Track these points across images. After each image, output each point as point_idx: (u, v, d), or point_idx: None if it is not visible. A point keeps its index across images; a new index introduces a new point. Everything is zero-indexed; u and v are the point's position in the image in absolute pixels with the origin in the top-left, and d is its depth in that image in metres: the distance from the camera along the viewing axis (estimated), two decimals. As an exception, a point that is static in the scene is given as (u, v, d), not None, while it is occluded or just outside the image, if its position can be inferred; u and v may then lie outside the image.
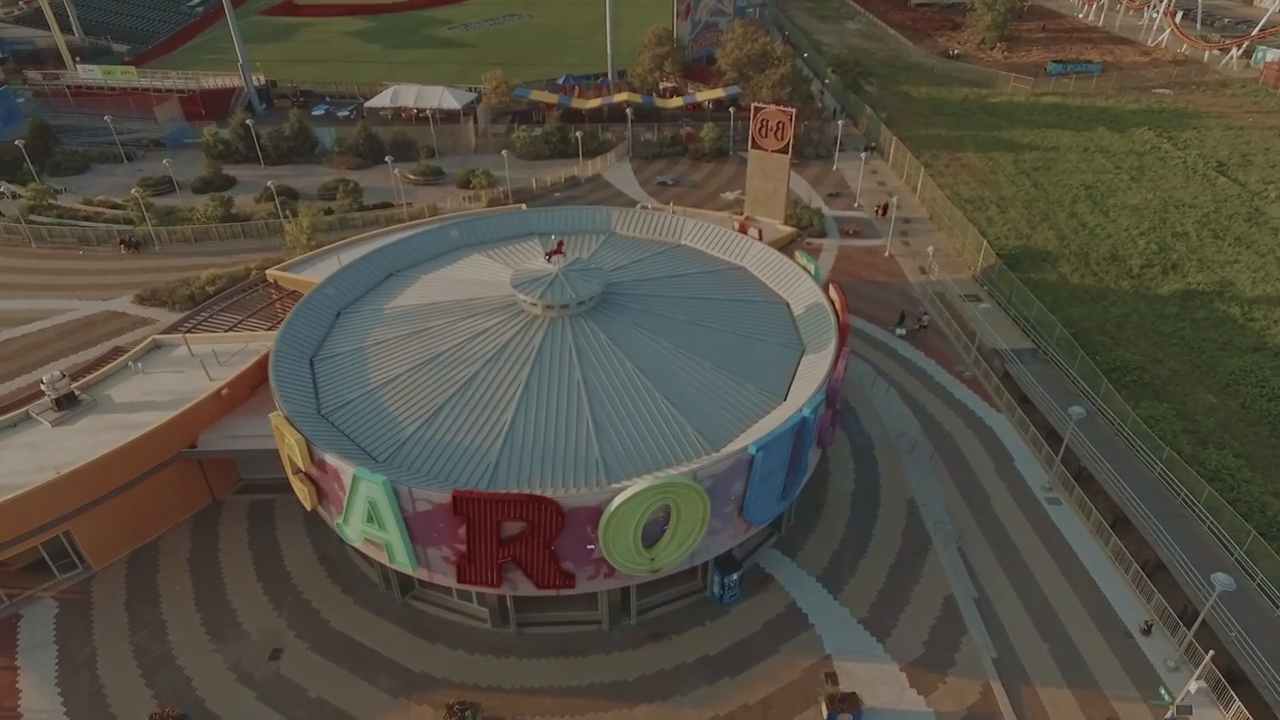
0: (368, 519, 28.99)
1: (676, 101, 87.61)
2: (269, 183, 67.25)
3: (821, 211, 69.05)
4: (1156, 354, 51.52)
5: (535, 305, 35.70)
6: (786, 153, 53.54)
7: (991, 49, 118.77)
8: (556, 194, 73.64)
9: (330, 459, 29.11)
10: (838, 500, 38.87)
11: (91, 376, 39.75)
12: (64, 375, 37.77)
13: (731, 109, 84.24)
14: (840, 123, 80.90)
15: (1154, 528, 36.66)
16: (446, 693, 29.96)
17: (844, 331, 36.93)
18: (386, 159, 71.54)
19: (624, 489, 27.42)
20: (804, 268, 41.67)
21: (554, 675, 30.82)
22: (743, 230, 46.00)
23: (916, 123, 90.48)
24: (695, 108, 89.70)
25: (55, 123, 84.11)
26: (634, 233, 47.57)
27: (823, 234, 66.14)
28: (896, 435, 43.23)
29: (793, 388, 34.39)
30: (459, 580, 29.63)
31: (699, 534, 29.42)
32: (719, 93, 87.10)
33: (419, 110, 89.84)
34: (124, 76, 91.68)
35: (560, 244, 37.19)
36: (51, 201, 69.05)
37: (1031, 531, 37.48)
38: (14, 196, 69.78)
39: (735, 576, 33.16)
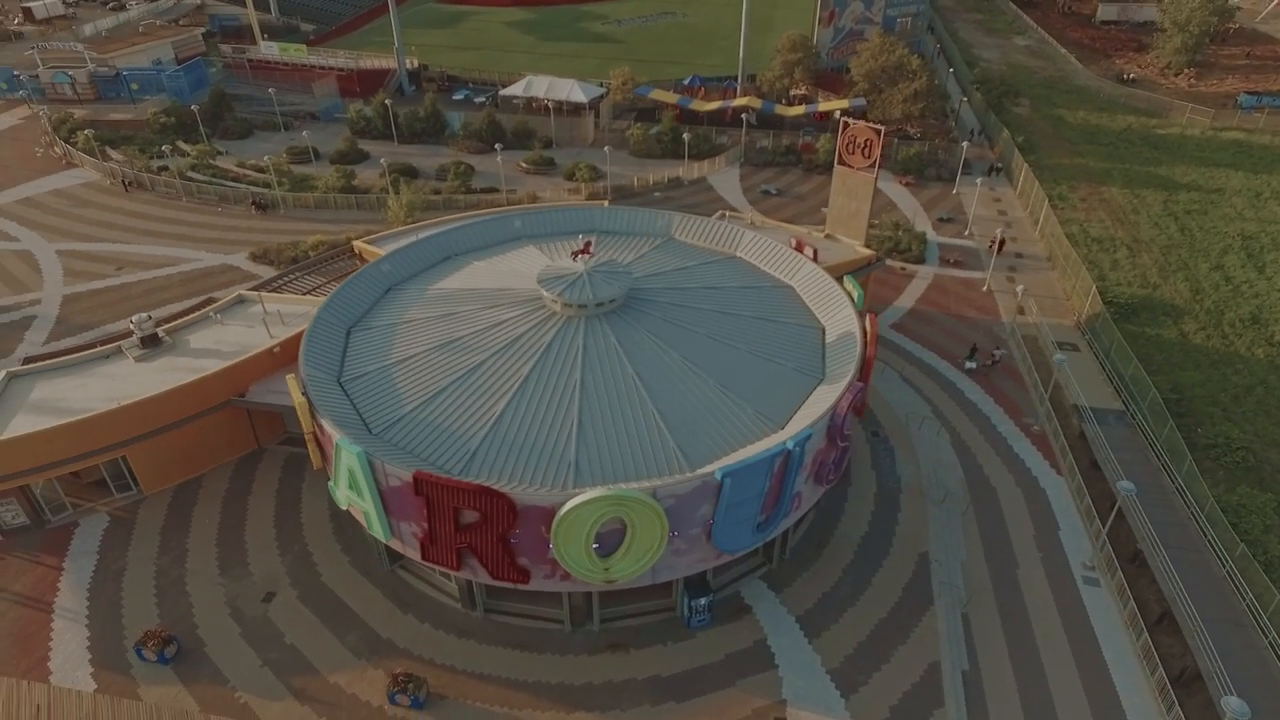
0: (349, 486, 30.67)
1: (798, 110, 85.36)
2: (382, 160, 71.83)
3: (925, 236, 65.27)
4: (1276, 435, 45.06)
5: (555, 302, 36.23)
6: (873, 172, 51.00)
7: (1176, 75, 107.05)
8: (656, 194, 73.93)
9: (326, 425, 31.04)
10: (843, 542, 36.92)
11: (178, 322, 44.32)
12: (149, 317, 42.37)
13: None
14: (965, 144, 75.82)
15: (1200, 632, 32.25)
16: (404, 661, 31.26)
17: (867, 365, 35.03)
18: (496, 146, 74.38)
19: (579, 494, 27.45)
20: (848, 293, 39.71)
21: (506, 665, 31.40)
22: (798, 249, 44.38)
23: (1062, 150, 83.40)
24: (821, 117, 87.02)
25: (232, 92, 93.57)
26: (692, 239, 47.08)
27: (920, 260, 62.54)
28: (932, 483, 40.39)
29: (796, 416, 32.98)
30: (422, 557, 30.84)
31: (656, 552, 28.95)
32: (843, 103, 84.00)
33: (548, 101, 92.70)
34: (295, 54, 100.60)
35: (588, 244, 37.49)
36: (211, 162, 77.12)
37: (1055, 610, 34.02)
38: (183, 155, 78.51)
39: (703, 601, 32.36)
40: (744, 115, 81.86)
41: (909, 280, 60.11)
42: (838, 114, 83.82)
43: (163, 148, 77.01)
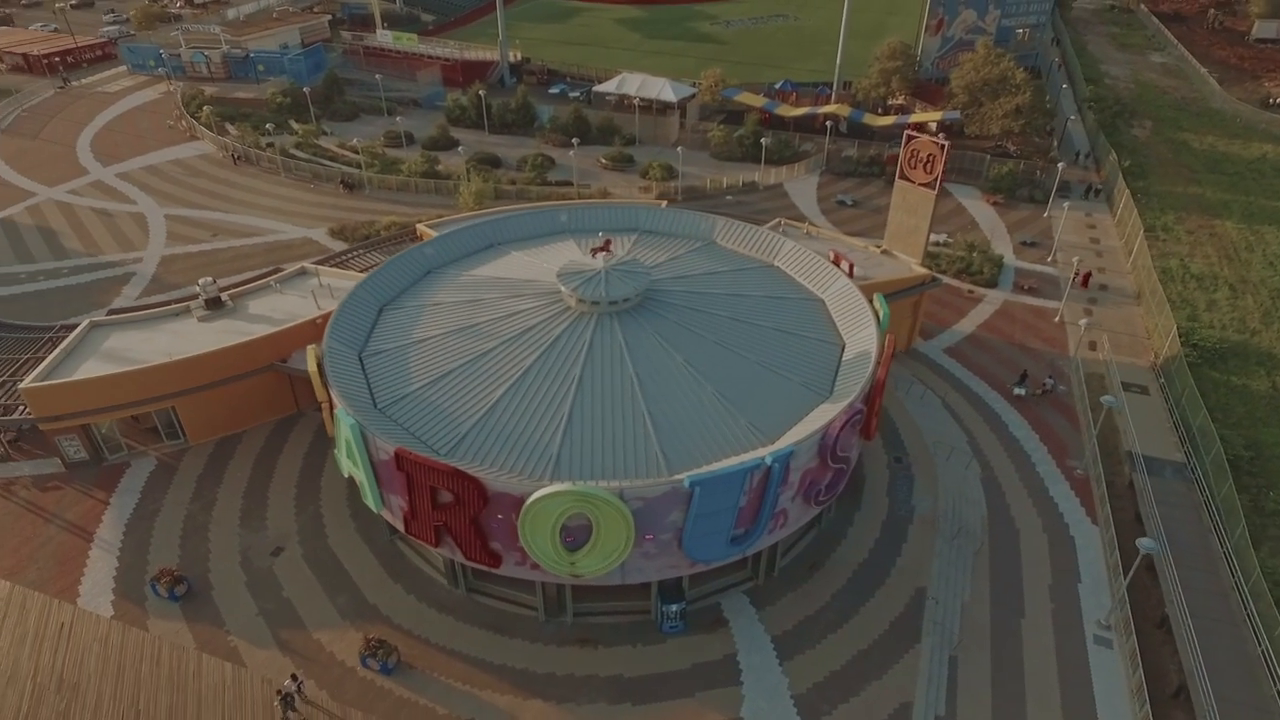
0: (348, 455, 32.28)
1: (888, 119, 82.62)
2: (459, 148, 74.43)
3: (1001, 260, 62.05)
4: (1359, 510, 40.46)
5: (571, 297, 36.78)
6: (933, 188, 48.91)
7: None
8: (728, 197, 73.42)
9: (335, 394, 32.78)
10: (838, 566, 35.81)
11: (242, 287, 47.65)
12: (214, 281, 45.75)
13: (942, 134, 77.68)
14: (1062, 165, 71.31)
15: (1212, 711, 29.49)
16: (383, 628, 32.68)
17: (876, 387, 33.84)
18: (574, 140, 75.70)
19: (547, 486, 27.93)
20: (875, 312, 38.39)
21: (477, 645, 32.28)
22: (835, 262, 43.17)
23: (1178, 177, 77.20)
24: (915, 129, 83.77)
25: (345, 76, 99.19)
26: (733, 245, 46.61)
27: (992, 284, 59.46)
28: (949, 517, 38.55)
29: (790, 432, 32.25)
30: (406, 530, 32.10)
31: (623, 552, 29.06)
32: (936, 115, 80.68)
33: (639, 99, 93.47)
34: (406, 42, 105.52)
35: (608, 242, 37.82)
36: (314, 141, 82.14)
37: (1054, 666, 31.89)
38: (290, 133, 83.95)
39: (675, 608, 32.19)
40: (828, 123, 79.94)
41: (974, 304, 57.31)
42: (933, 126, 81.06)
43: (268, 126, 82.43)
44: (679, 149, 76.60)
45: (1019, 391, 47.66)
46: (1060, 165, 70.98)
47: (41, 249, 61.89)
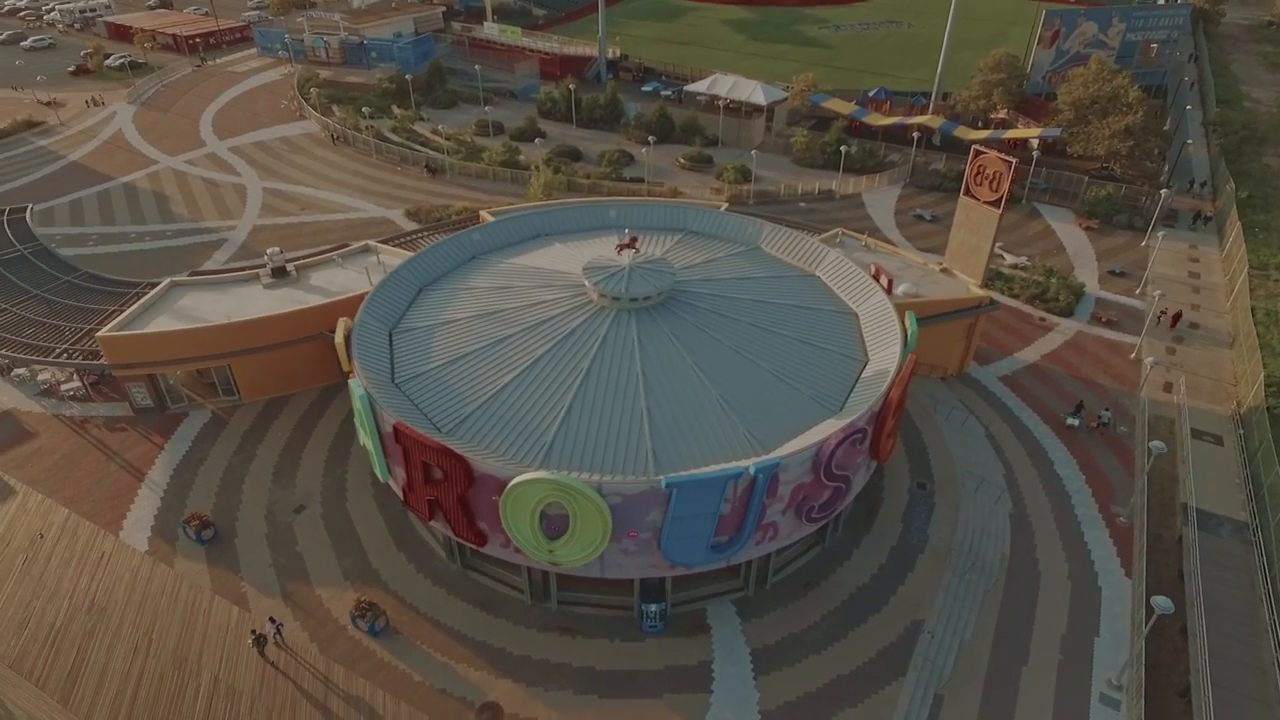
0: (360, 425, 33.93)
1: (980, 134, 78.90)
2: (537, 139, 76.00)
3: (1083, 289, 58.44)
4: None
5: (593, 291, 37.26)
6: (998, 207, 46.55)
7: None
8: (801, 203, 72.17)
9: (355, 365, 34.51)
10: (834, 587, 34.84)
11: (307, 259, 50.59)
12: (280, 251, 48.79)
13: (1035, 152, 73.81)
14: (1165, 191, 66.25)
15: (1218, 792, 27.11)
16: (378, 593, 34.20)
17: (887, 408, 32.75)
18: (649, 139, 76.14)
19: (526, 471, 28.55)
20: (904, 330, 37.08)
21: (462, 620, 33.30)
22: (875, 276, 41.83)
23: (1306, 213, 70.40)
24: (1015, 144, 79.85)
25: (449, 66, 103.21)
26: (776, 252, 45.94)
27: (1068, 313, 56.09)
28: (964, 551, 36.81)
29: (788, 445, 31.60)
30: (404, 502, 33.43)
31: (600, 545, 29.34)
32: (1033, 132, 76.50)
33: (729, 100, 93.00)
34: (510, 35, 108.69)
35: (633, 239, 38.04)
36: (409, 126, 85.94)
37: (1049, 720, 30.05)
38: (389, 118, 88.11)
39: (654, 608, 32.20)
40: (915, 134, 77.15)
41: (1043, 333, 54.25)
42: (1033, 144, 77.06)
43: (364, 109, 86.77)
44: (759, 153, 75.79)
45: (1071, 422, 45.10)
46: (1165, 192, 66.00)
47: (153, 212, 67.55)
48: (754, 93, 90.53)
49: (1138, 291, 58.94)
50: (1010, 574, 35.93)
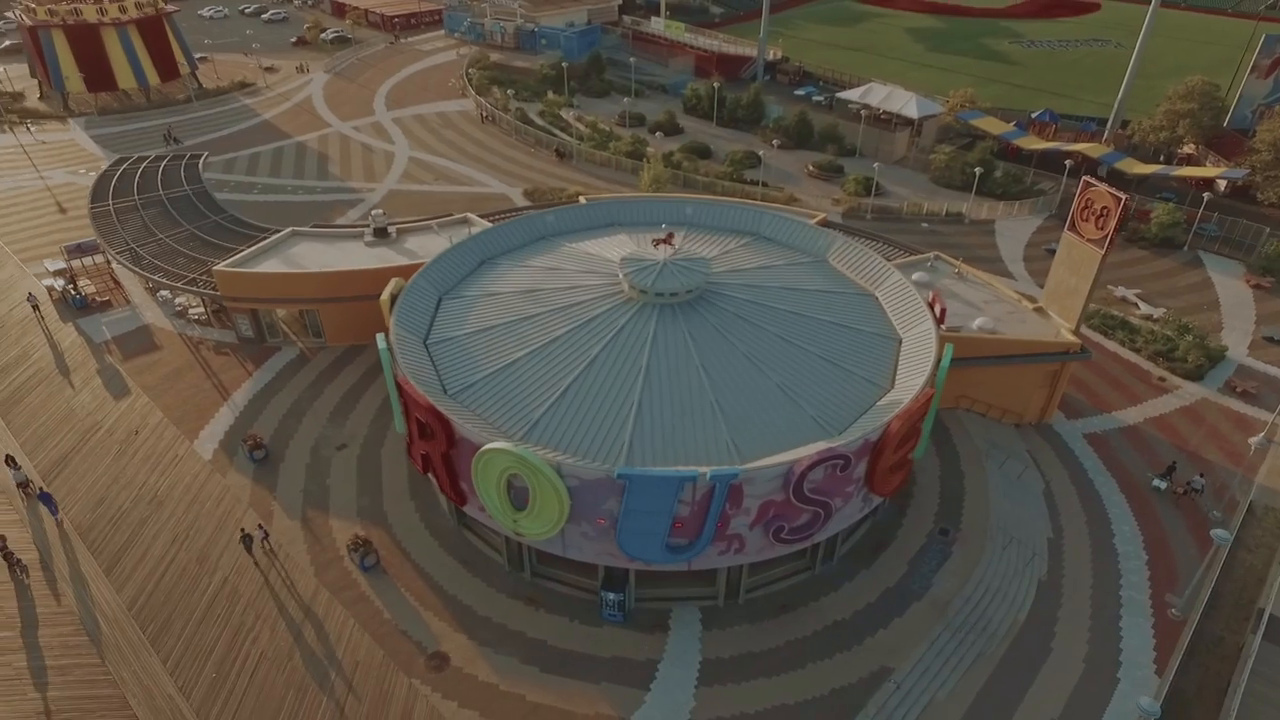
0: (389, 380, 36.69)
1: (1146, 168, 70.75)
2: (658, 133, 76.78)
3: (1223, 353, 51.43)
4: None
5: (624, 282, 37.84)
6: (1101, 246, 42.02)
7: None
8: (924, 224, 68.37)
9: (390, 321, 37.32)
10: (810, 615, 33.42)
11: (409, 224, 54.71)
12: (383, 213, 53.15)
13: (1213, 195, 65.23)
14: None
15: None
16: (379, 532, 36.91)
17: (885, 440, 31.00)
18: (773, 142, 74.90)
19: (493, 440, 29.84)
20: (937, 361, 34.76)
21: (442, 571, 35.25)
22: (930, 304, 39.21)
23: None
24: (1199, 184, 71.10)
25: (610, 57, 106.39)
26: (842, 266, 44.24)
27: (1195, 377, 49.67)
28: (968, 609, 34.01)
29: (766, 459, 30.73)
30: (407, 452, 35.74)
31: (557, 523, 30.12)
32: (1212, 172, 67.64)
33: (882, 110, 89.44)
34: (674, 31, 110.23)
35: (670, 235, 38.12)
36: (556, 112, 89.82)
37: (1002, 805, 27.40)
38: (541, 102, 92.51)
39: (612, 596, 32.47)
40: (1069, 161, 70.49)
41: (1158, 394, 48.43)
42: (1221, 185, 68.50)
43: (509, 91, 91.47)
44: (897, 168, 72.60)
45: (1158, 484, 40.71)
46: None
47: (312, 169, 75.45)
48: (907, 104, 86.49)
49: (1295, 363, 51.05)
50: (1016, 643, 32.82)
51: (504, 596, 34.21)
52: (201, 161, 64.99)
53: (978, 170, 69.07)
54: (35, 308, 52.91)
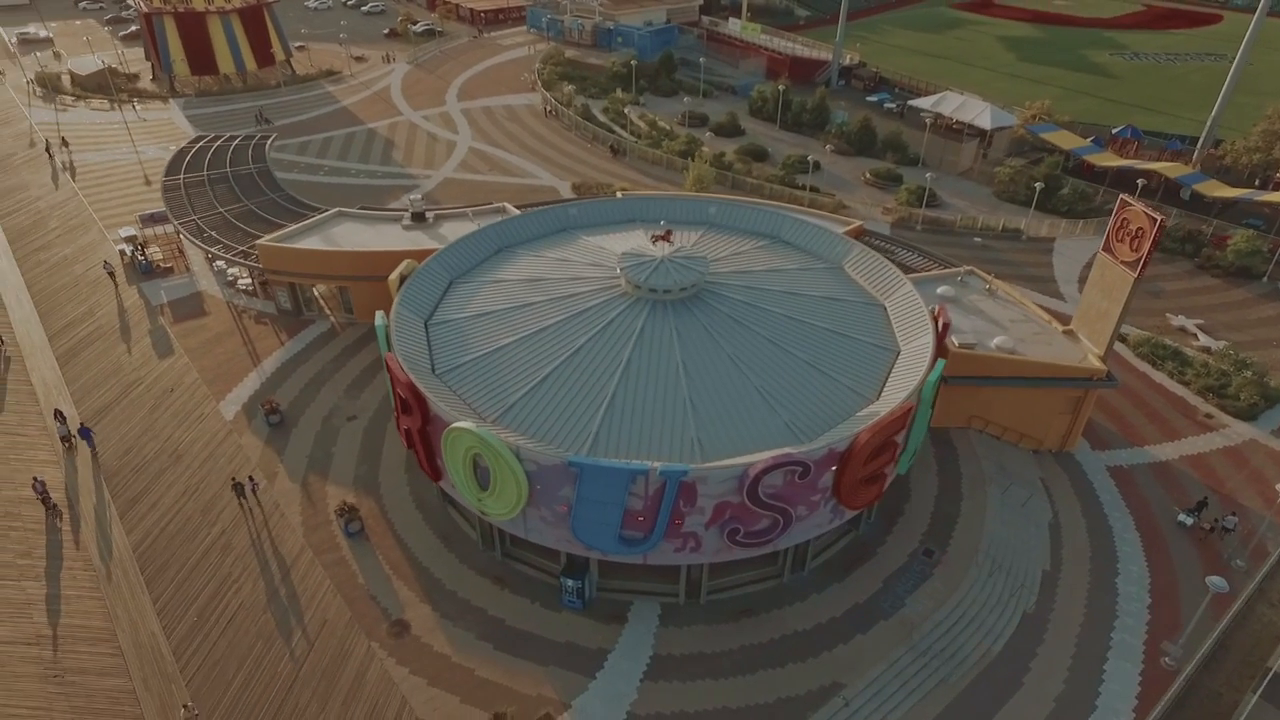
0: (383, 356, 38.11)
1: (1229, 192, 65.92)
2: (706, 132, 76.44)
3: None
4: None
5: (621, 277, 38.15)
6: (1135, 270, 39.61)
7: None
8: (977, 238, 65.91)
9: (396, 302, 38.79)
10: (769, 623, 32.94)
11: (441, 211, 56.48)
12: (420, 198, 55.08)
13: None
14: None
15: None
16: (369, 501, 38.43)
17: (851, 452, 30.32)
18: (826, 147, 73.52)
19: (461, 420, 30.70)
20: (937, 375, 33.69)
21: (419, 543, 36.41)
22: (934, 317, 37.84)
23: None
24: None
25: (682, 57, 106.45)
26: (856, 274, 43.29)
27: (1248, 416, 46.32)
28: (936, 632, 32.79)
29: (739, 458, 30.48)
30: (396, 426, 37.07)
31: (516, 505, 30.75)
32: (1297, 198, 62.49)
33: (954, 120, 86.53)
34: (750, 33, 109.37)
35: (668, 232, 38.15)
36: (620, 109, 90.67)
37: (933, 836, 26.42)
38: (603, 99, 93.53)
39: (570, 583, 32.85)
40: (1140, 181, 66.40)
41: (1201, 432, 45.41)
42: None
43: (568, 87, 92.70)
44: (960, 180, 70.30)
45: (1183, 519, 38.69)
46: None
47: (377, 155, 78.71)
48: (981, 115, 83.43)
49: (1370, 413, 46.78)
50: (985, 674, 31.50)
51: (474, 573, 35.09)
52: (269, 143, 68.72)
53: (1038, 185, 65.92)
54: (111, 274, 57.12)
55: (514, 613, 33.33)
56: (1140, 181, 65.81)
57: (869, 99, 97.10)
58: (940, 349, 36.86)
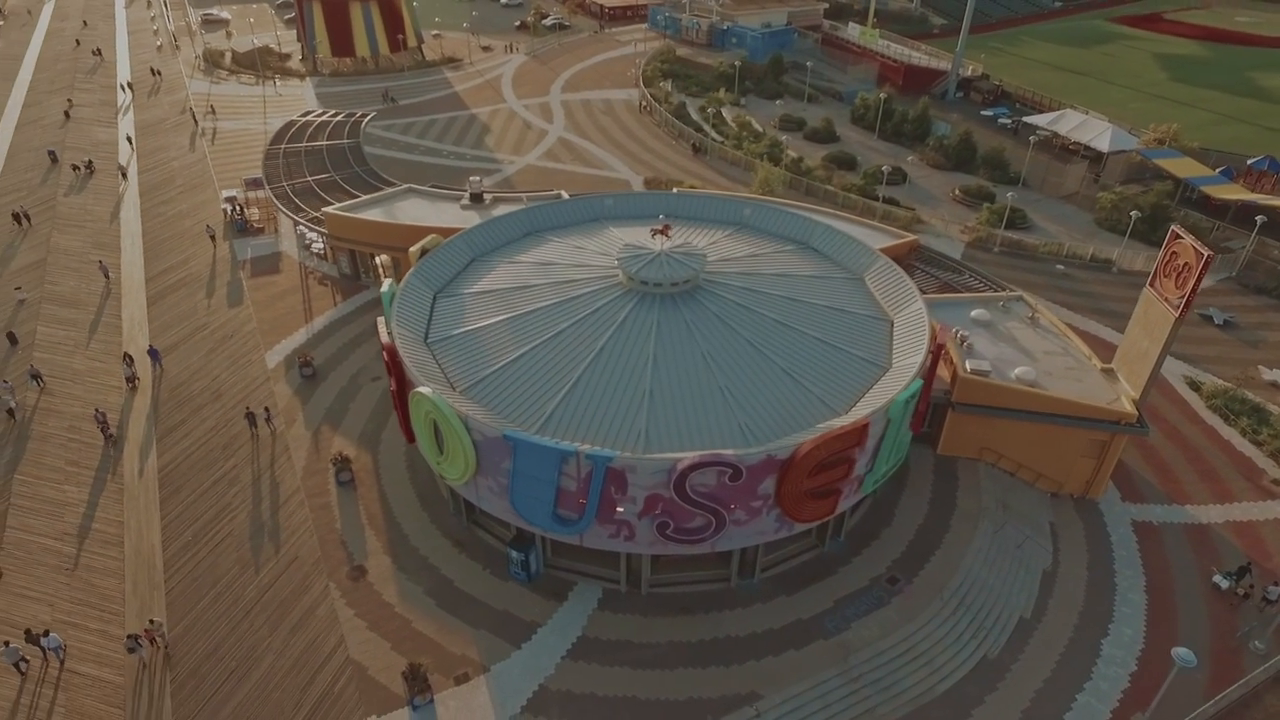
0: (394, 320, 40.45)
1: (1368, 236, 57.93)
2: (783, 136, 74.74)
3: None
4: None
5: (618, 272, 38.64)
6: (1177, 309, 35.98)
7: None
8: (1059, 266, 61.47)
9: (409, 274, 41.05)
10: (704, 624, 32.55)
11: (503, 194, 58.78)
12: (480, 180, 57.60)
13: None
14: None
15: None
16: (364, 456, 40.96)
17: (792, 462, 29.64)
18: (909, 158, 70.53)
19: (424, 385, 32.32)
20: (908, 395, 32.22)
21: (399, 501, 38.43)
22: (933, 336, 35.91)
23: None
24: None
25: (792, 60, 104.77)
26: (875, 286, 41.75)
27: (1305, 476, 41.23)
28: (876, 662, 31.33)
29: (665, 455, 30.45)
30: (391, 392, 39.28)
31: (466, 471, 31.99)
32: None
33: (1071, 141, 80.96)
34: (868, 39, 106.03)
35: (666, 226, 38.23)
36: (717, 109, 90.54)
37: None
38: (703, 98, 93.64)
39: (516, 555, 33.78)
40: (1259, 218, 59.64)
41: (1262, 498, 40.89)
42: None
43: (663, 84, 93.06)
44: (1060, 203, 66.03)
45: (1219, 582, 35.59)
46: None
47: (471, 139, 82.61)
48: (1099, 136, 78.10)
49: None
50: (919, 713, 29.89)
51: (439, 534, 36.76)
52: (366, 121, 73.66)
53: (1134, 214, 60.58)
54: (212, 238, 63.01)
55: (464, 575, 34.70)
56: (1259, 218, 59.17)
57: (984, 113, 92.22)
58: (932, 370, 35.13)
